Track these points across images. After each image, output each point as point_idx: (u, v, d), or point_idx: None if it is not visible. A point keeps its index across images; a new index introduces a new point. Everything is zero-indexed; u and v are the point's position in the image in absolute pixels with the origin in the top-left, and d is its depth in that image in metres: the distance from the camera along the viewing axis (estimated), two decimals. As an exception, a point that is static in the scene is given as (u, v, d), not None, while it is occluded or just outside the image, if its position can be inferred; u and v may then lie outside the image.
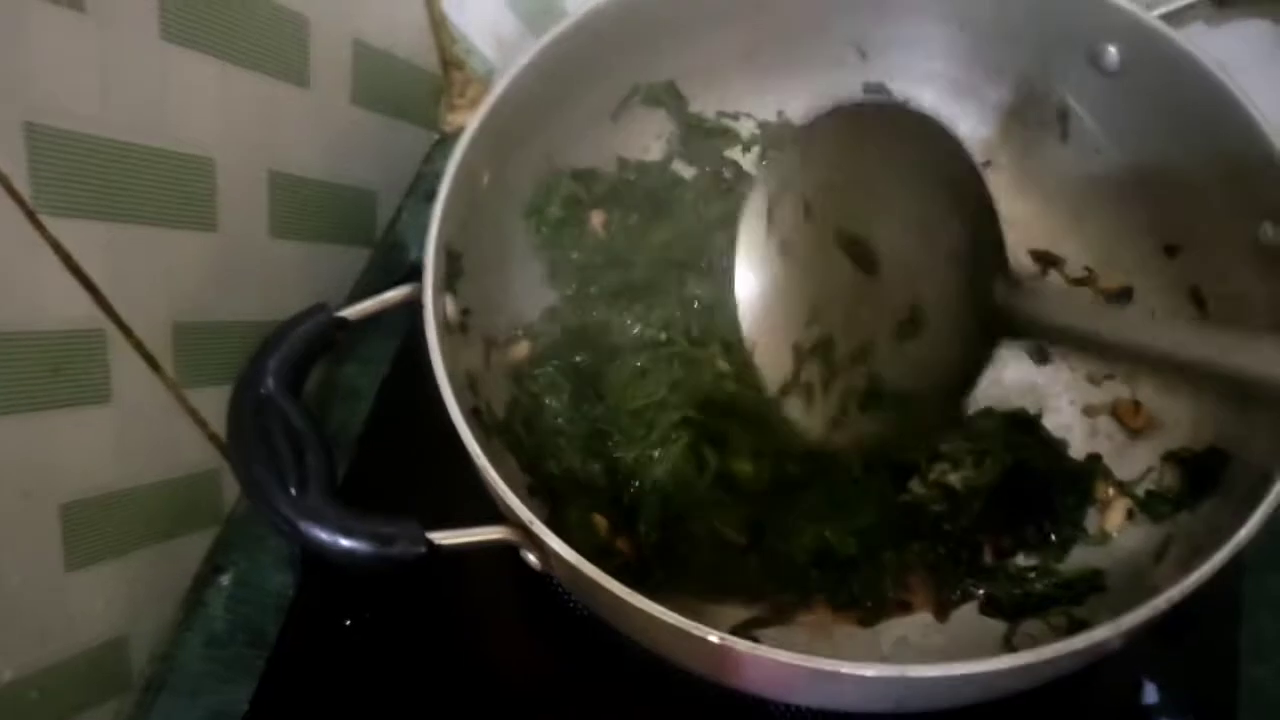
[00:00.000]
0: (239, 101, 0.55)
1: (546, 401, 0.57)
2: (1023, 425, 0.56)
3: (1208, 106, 0.50)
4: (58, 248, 0.46)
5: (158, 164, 0.51)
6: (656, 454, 0.56)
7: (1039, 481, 0.55)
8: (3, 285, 0.44)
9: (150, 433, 0.55)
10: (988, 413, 0.56)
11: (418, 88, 0.73)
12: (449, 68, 0.75)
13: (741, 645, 0.39)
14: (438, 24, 0.72)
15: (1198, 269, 0.55)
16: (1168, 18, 0.52)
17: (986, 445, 0.55)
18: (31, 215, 0.44)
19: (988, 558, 0.53)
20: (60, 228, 0.46)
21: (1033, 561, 0.53)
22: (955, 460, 0.55)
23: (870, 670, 0.38)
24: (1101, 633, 0.38)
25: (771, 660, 0.39)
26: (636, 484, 0.55)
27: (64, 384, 0.48)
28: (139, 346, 0.52)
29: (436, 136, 0.77)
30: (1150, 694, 0.52)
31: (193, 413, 0.57)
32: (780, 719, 0.52)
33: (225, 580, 0.61)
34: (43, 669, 0.50)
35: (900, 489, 0.55)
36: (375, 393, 0.65)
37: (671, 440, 0.56)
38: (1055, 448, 0.55)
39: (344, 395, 0.65)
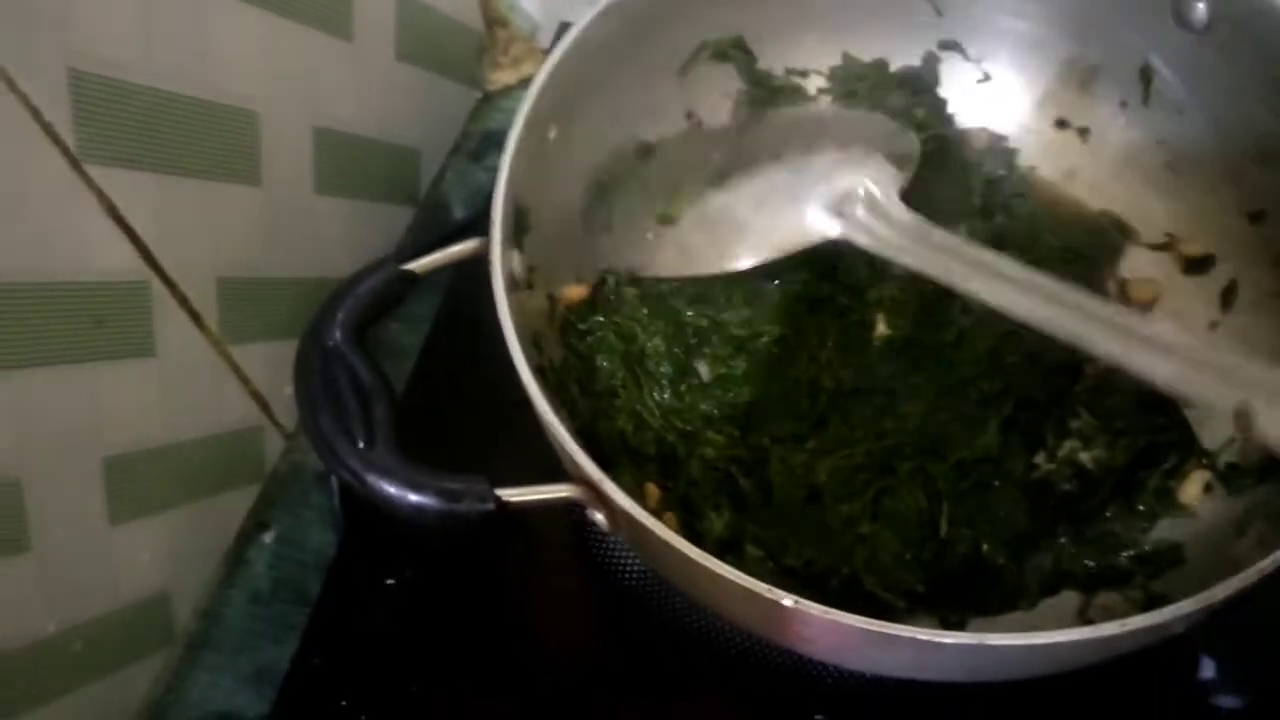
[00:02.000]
0: (283, 53, 0.54)
1: (600, 363, 0.55)
2: (1158, 405, 0.53)
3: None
4: (102, 197, 0.44)
5: (202, 115, 0.49)
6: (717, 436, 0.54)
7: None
8: (47, 235, 0.43)
9: (194, 388, 0.54)
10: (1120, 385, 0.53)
11: (461, 45, 0.71)
12: (493, 25, 0.73)
13: (816, 610, 0.37)
14: (482, -20, 0.71)
15: None
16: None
17: (1120, 425, 0.53)
18: (76, 163, 0.43)
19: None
20: (104, 177, 0.44)
21: (1117, 531, 0.50)
22: (1087, 438, 0.53)
23: (949, 638, 0.37)
24: (1186, 607, 0.36)
25: (846, 626, 0.37)
26: (696, 469, 0.53)
27: (107, 336, 0.47)
28: (183, 301, 0.51)
29: (480, 95, 0.75)
30: (1207, 669, 0.50)
31: (236, 369, 0.56)
32: (833, 686, 0.50)
33: (268, 538, 0.60)
34: (86, 622, 0.50)
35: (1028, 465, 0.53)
36: (420, 350, 0.63)
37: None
38: (1190, 429, 0.52)
39: (391, 353, 0.64)
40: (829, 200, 0.52)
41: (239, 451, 0.59)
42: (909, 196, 0.53)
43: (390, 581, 0.55)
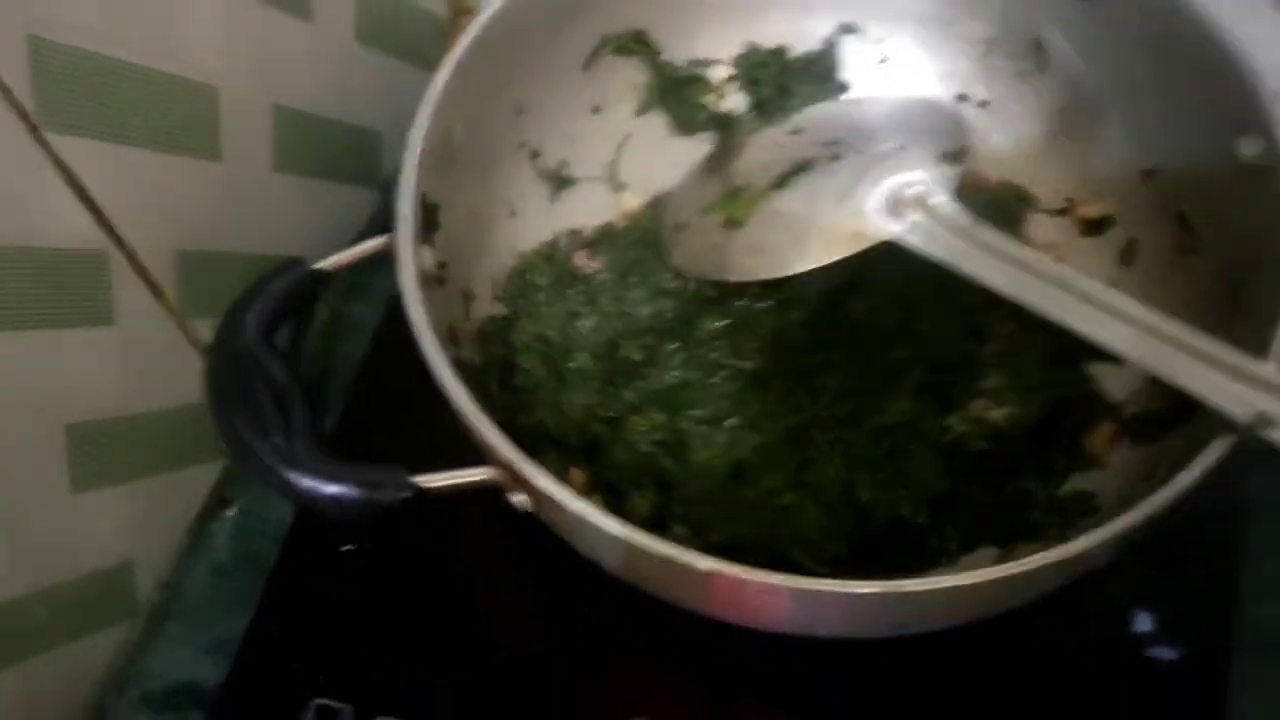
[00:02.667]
0: (243, 30, 0.55)
1: (521, 363, 0.57)
2: (1064, 360, 0.54)
3: (1179, 25, 0.49)
4: (60, 165, 0.46)
5: (162, 88, 0.50)
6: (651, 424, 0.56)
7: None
8: (4, 200, 0.44)
9: (154, 359, 0.55)
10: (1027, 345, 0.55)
11: (425, 30, 0.72)
12: (457, 11, 0.74)
13: (730, 570, 0.38)
14: (445, -34, 0.72)
15: (1179, 192, 0.54)
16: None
17: (1028, 382, 0.54)
18: (34, 130, 0.44)
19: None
20: (63, 145, 0.45)
21: (1030, 486, 0.52)
22: (997, 397, 0.54)
23: (865, 588, 0.38)
24: (1081, 544, 0.38)
25: (763, 585, 0.38)
26: (623, 454, 0.55)
27: (66, 303, 0.48)
28: (142, 271, 0.52)
29: (444, 81, 0.76)
30: (1143, 622, 0.51)
31: (197, 343, 0.57)
32: (774, 656, 0.51)
33: (230, 512, 0.61)
34: (50, 587, 0.51)
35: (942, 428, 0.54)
36: (373, 331, 0.64)
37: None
38: (1096, 382, 0.54)
39: (351, 330, 0.65)
40: (885, 200, 0.52)
41: (203, 425, 0.59)
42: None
43: (346, 548, 0.56)
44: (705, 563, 0.38)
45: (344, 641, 0.55)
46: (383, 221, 0.55)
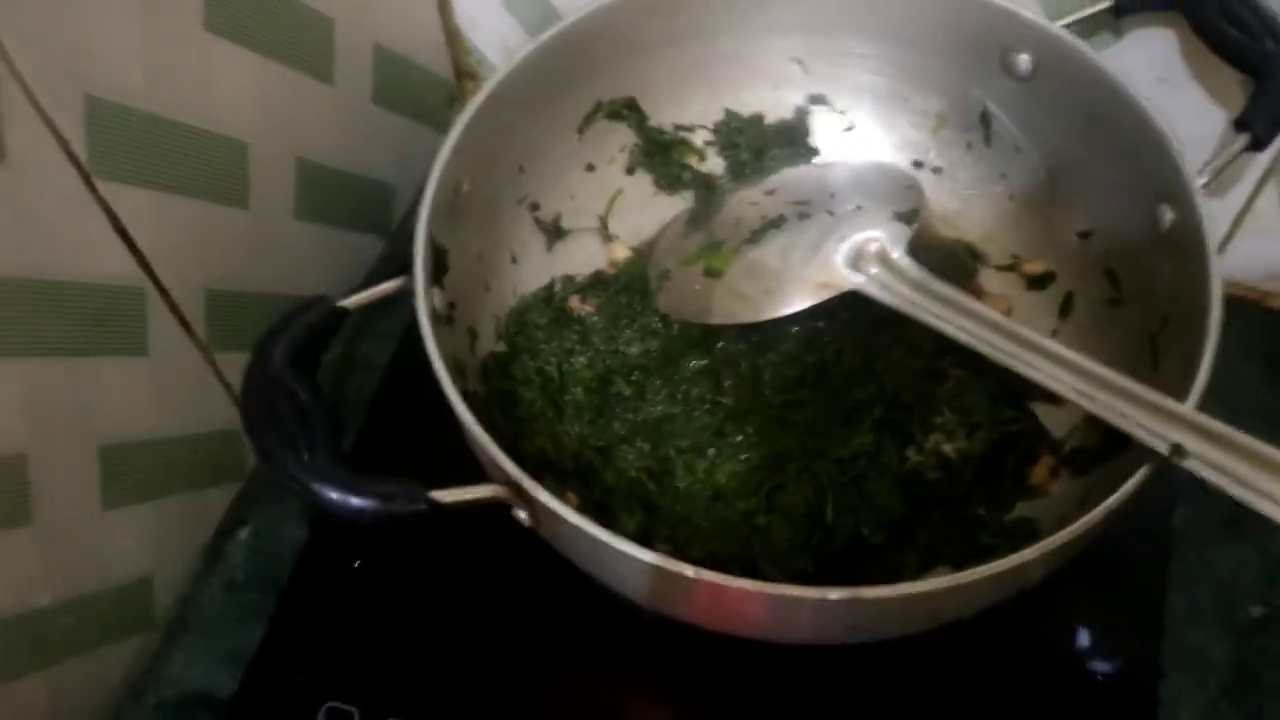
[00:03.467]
0: (271, 92, 0.58)
1: (522, 394, 0.59)
2: (1009, 400, 0.57)
3: (1107, 103, 0.53)
4: (107, 210, 0.48)
5: (198, 142, 0.53)
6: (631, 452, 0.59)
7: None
8: (57, 239, 0.46)
9: (183, 388, 0.57)
10: (977, 387, 0.58)
11: (434, 94, 0.76)
12: (462, 77, 0.78)
13: (713, 578, 0.41)
14: (452, 36, 0.75)
15: (1109, 252, 0.58)
16: (1072, 27, 0.55)
17: (977, 419, 0.57)
18: (87, 179, 0.47)
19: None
20: (111, 191, 0.48)
21: (980, 513, 0.55)
22: (949, 432, 0.57)
23: (835, 594, 0.40)
24: (1015, 560, 0.41)
25: (743, 590, 0.41)
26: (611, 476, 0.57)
27: (106, 334, 0.50)
28: (174, 308, 0.54)
29: (450, 139, 0.80)
30: (1083, 638, 0.55)
31: (220, 375, 0.59)
32: (764, 670, 0.53)
33: (244, 533, 0.63)
34: (78, 597, 0.53)
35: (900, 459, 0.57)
36: (386, 365, 0.67)
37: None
38: (1038, 420, 0.57)
39: (360, 366, 0.68)
40: (848, 254, 0.56)
41: (222, 451, 0.62)
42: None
43: (357, 564, 0.59)
44: (691, 570, 0.41)
45: (353, 650, 0.57)
46: (387, 265, 0.59)
